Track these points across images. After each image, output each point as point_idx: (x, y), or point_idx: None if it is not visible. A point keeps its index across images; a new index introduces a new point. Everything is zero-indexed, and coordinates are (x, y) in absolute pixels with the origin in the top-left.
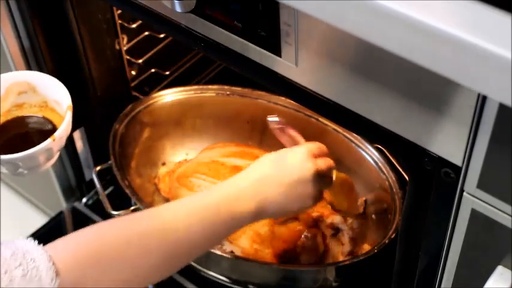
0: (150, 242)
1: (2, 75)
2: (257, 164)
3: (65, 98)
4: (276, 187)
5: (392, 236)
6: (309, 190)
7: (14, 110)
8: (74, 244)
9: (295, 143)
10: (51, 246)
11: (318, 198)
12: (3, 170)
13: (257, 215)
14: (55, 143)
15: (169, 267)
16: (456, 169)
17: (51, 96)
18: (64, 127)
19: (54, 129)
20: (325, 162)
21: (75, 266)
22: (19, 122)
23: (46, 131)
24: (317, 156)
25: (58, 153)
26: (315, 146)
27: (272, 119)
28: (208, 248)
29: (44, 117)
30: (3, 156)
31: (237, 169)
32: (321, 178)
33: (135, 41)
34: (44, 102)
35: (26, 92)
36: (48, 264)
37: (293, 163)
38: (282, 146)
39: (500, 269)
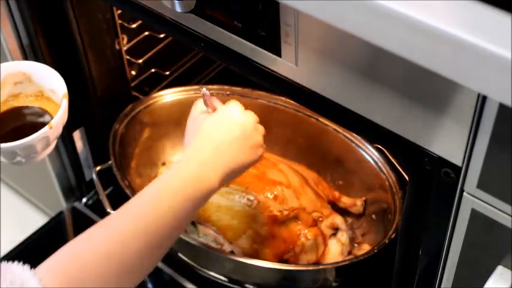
0: (130, 247)
1: None
2: (200, 135)
3: (61, 86)
4: (227, 151)
5: (392, 236)
6: (254, 141)
7: (10, 100)
8: (56, 269)
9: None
10: (42, 270)
11: (263, 144)
12: (1, 158)
13: (221, 185)
14: (52, 130)
15: (155, 256)
16: (456, 169)
17: (47, 85)
18: (60, 115)
19: (51, 118)
20: (252, 113)
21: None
22: (16, 113)
23: (42, 120)
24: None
25: (55, 142)
26: (238, 103)
27: (205, 90)
28: (184, 226)
29: (40, 108)
30: (2, 144)
31: None
32: (259, 126)
33: (135, 41)
34: (39, 91)
35: (21, 82)
36: None
37: (233, 122)
38: (282, 146)
39: (500, 269)
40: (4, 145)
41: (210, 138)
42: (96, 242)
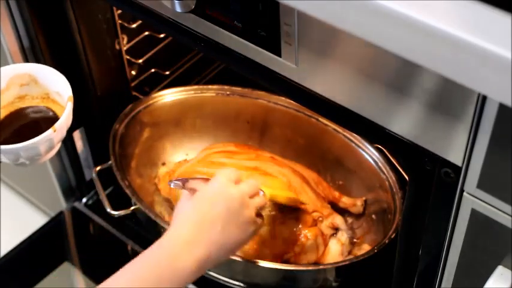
0: None
1: (3, 68)
2: (180, 216)
3: (66, 89)
4: (209, 230)
5: (392, 236)
6: (243, 217)
7: (16, 102)
8: None
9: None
10: None
11: (256, 220)
12: (5, 159)
13: (201, 267)
14: (56, 133)
15: None
16: (456, 169)
17: (53, 87)
18: (64, 118)
19: (56, 119)
20: (247, 184)
21: None
22: (22, 114)
23: (48, 122)
24: (237, 181)
25: (59, 144)
26: (230, 172)
27: (174, 184)
28: None
29: (46, 108)
30: (5, 146)
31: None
32: (251, 200)
33: (135, 41)
34: (45, 93)
35: (27, 84)
36: None
37: (215, 198)
38: (282, 146)
39: (500, 269)
40: (8, 147)
41: (189, 217)
42: None
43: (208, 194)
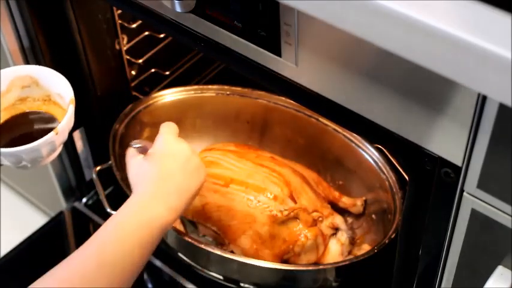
0: (92, 281)
1: (4, 70)
2: (141, 177)
3: (68, 91)
4: (171, 180)
5: (393, 236)
6: (196, 160)
7: (18, 104)
8: None
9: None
10: None
11: (202, 164)
12: (7, 162)
13: (173, 214)
14: (57, 136)
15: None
16: (456, 169)
17: (54, 89)
18: (66, 121)
19: (57, 123)
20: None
21: None
22: (23, 118)
23: (49, 125)
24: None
25: (61, 147)
26: (172, 127)
27: (135, 144)
28: (142, 261)
29: (47, 113)
30: (6, 149)
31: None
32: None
33: (135, 41)
34: (47, 95)
35: (29, 86)
36: None
37: (167, 153)
38: (282, 146)
39: (500, 269)
40: (9, 150)
41: (150, 174)
42: (59, 279)
43: (160, 152)
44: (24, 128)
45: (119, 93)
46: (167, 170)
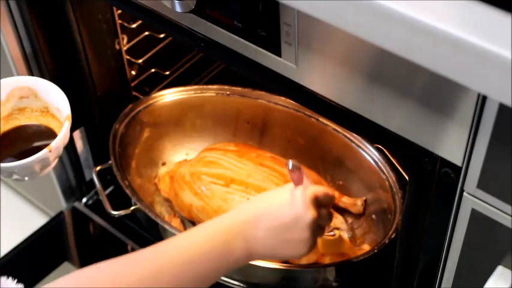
0: None
1: (4, 79)
2: (252, 201)
3: (65, 107)
4: (269, 229)
5: (393, 236)
6: (304, 237)
7: (16, 114)
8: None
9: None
10: None
11: (312, 246)
12: (1, 176)
13: (244, 259)
14: (51, 153)
15: None
16: (456, 169)
17: (53, 102)
18: (61, 137)
19: (53, 135)
20: (327, 215)
21: None
22: (21, 131)
23: (44, 141)
24: (321, 205)
25: (56, 161)
26: (322, 192)
27: (292, 163)
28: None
29: (45, 126)
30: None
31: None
32: (319, 228)
33: (135, 41)
34: (45, 107)
35: (27, 97)
36: None
37: (292, 204)
38: (282, 146)
39: (500, 269)
40: (3, 165)
41: (259, 208)
42: (109, 275)
43: (285, 198)
44: (21, 142)
45: (119, 93)
46: (270, 221)
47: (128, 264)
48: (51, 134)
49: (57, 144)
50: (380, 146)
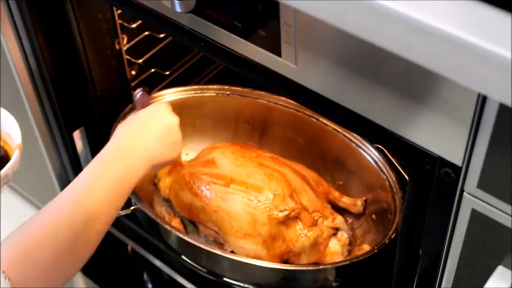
0: (74, 231)
1: None
2: (131, 128)
3: (17, 135)
4: (151, 137)
5: (393, 236)
6: (177, 136)
7: None
8: (9, 247)
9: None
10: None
11: (181, 144)
12: None
13: (147, 171)
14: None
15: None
16: (456, 169)
17: (5, 129)
18: (9, 166)
19: (6, 157)
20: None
21: (17, 267)
22: None
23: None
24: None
25: (5, 187)
26: (166, 104)
27: (138, 93)
28: (118, 207)
29: (2, 148)
30: None
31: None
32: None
33: (135, 41)
34: None
35: None
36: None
37: (161, 115)
38: (282, 146)
39: (500, 269)
40: None
41: (140, 132)
42: (29, 233)
43: (147, 112)
44: None
45: (119, 93)
46: (153, 133)
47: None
48: (5, 159)
49: (6, 171)
50: (380, 146)
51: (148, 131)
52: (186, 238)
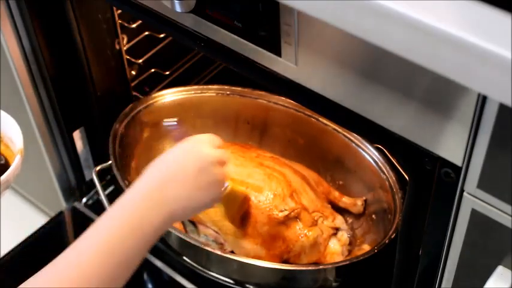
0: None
1: None
2: (150, 169)
3: (18, 140)
4: (179, 185)
5: (393, 236)
6: (212, 177)
7: None
8: None
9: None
10: None
11: (222, 184)
12: None
13: (167, 223)
14: (0, 186)
15: None
16: (456, 169)
17: (7, 133)
18: (10, 171)
19: (6, 165)
20: (222, 152)
21: None
22: None
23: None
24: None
25: (6, 192)
26: (213, 137)
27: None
28: (130, 270)
29: (2, 155)
30: None
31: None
32: (221, 164)
33: (135, 41)
34: None
35: None
36: None
37: (189, 154)
38: (282, 146)
39: (500, 269)
40: None
41: (161, 171)
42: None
43: (184, 149)
44: None
45: (119, 93)
46: (178, 171)
47: (53, 272)
48: (6, 165)
49: (7, 177)
50: (380, 146)
51: (173, 169)
52: (186, 238)
